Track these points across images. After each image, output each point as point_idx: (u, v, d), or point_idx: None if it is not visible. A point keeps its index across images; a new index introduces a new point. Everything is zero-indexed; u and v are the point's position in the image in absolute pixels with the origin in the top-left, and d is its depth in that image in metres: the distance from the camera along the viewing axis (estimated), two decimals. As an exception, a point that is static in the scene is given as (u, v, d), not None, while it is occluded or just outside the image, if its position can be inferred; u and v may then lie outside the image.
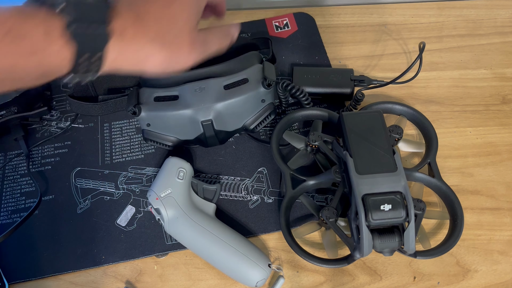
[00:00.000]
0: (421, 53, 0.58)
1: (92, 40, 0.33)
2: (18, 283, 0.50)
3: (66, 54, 0.32)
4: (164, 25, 0.37)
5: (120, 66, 0.36)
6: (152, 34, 0.36)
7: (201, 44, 0.40)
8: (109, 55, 0.34)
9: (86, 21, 0.32)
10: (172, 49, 0.38)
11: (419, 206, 0.48)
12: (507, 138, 0.59)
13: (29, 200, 0.55)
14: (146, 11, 0.36)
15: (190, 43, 0.39)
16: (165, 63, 0.38)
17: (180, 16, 0.38)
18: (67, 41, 0.32)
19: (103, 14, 0.33)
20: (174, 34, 0.37)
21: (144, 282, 0.51)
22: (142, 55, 0.36)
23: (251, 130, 0.54)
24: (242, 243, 0.49)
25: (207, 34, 0.42)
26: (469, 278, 0.50)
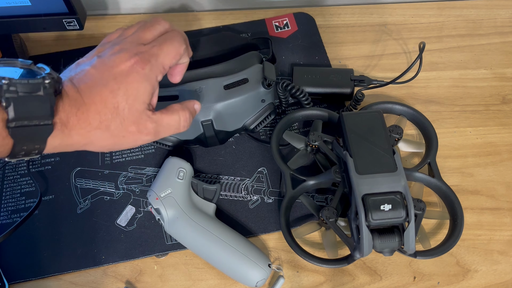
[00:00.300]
0: (421, 53, 0.58)
1: (31, 135, 0.33)
2: (18, 283, 0.51)
3: (3, 147, 0.33)
4: (107, 115, 0.36)
5: (62, 150, 0.36)
6: (95, 124, 0.36)
7: (150, 132, 0.39)
8: (50, 143, 0.34)
9: (28, 118, 0.32)
10: (117, 137, 0.38)
11: (419, 206, 0.48)
12: (507, 138, 0.59)
13: (29, 200, 0.55)
14: (91, 98, 0.36)
15: (137, 131, 0.38)
16: (111, 146, 0.38)
17: (125, 105, 0.37)
18: (5, 137, 0.32)
19: (47, 109, 0.33)
20: (118, 123, 0.37)
21: (144, 282, 0.51)
22: (85, 141, 0.37)
23: (251, 130, 0.54)
24: (242, 243, 0.49)
25: (162, 117, 0.40)
26: (469, 278, 0.50)
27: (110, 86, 0.36)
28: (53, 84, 0.34)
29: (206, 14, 0.71)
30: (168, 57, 0.40)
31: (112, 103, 0.36)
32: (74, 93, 0.35)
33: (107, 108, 0.36)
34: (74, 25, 0.57)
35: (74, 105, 0.35)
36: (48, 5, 0.55)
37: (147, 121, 0.39)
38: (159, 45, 0.40)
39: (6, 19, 0.56)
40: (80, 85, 0.36)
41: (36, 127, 0.33)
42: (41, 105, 0.33)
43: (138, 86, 0.38)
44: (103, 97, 0.36)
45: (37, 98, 0.33)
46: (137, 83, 0.38)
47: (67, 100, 0.35)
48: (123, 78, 0.37)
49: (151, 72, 0.39)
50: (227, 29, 0.68)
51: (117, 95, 0.36)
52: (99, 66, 0.38)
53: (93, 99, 0.36)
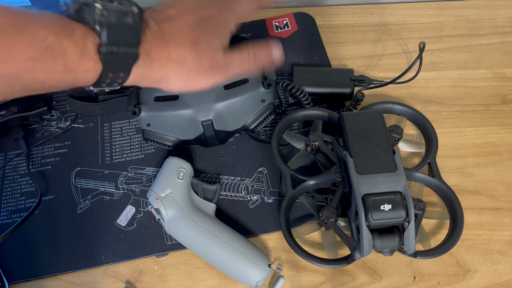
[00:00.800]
0: (421, 53, 0.58)
1: (119, 62, 0.34)
2: (18, 283, 0.50)
3: (94, 72, 0.34)
4: (186, 47, 0.38)
5: (141, 82, 0.38)
6: (174, 55, 0.37)
7: (222, 68, 0.41)
8: (133, 73, 0.36)
9: (117, 43, 0.34)
10: (190, 71, 0.39)
11: (419, 206, 0.48)
12: (507, 138, 0.59)
13: (29, 200, 0.55)
14: (172, 32, 0.37)
15: (209, 67, 0.40)
16: (183, 83, 0.39)
17: (203, 40, 0.39)
18: (96, 61, 0.33)
19: (135, 37, 0.35)
20: (194, 57, 0.38)
21: (144, 282, 0.51)
22: (162, 74, 0.38)
23: (251, 130, 0.54)
24: (242, 243, 0.49)
25: (233, 56, 0.41)
26: (469, 278, 0.50)
27: (190, 23, 0.38)
28: (139, 14, 0.35)
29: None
30: (244, 11, 0.43)
31: (191, 37, 0.38)
32: (156, 27, 0.37)
33: (186, 42, 0.38)
34: (74, 25, 0.57)
35: (156, 36, 0.36)
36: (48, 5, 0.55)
37: (220, 58, 0.40)
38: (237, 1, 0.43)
39: (6, 19, 0.56)
40: (162, 20, 0.38)
41: (124, 54, 0.34)
42: (130, 33, 0.34)
43: (216, 27, 0.40)
44: (183, 31, 0.38)
45: (126, 25, 0.34)
46: (215, 24, 0.40)
47: (149, 32, 0.36)
48: (204, 20, 0.39)
49: (228, 20, 0.41)
50: (227, 29, 0.68)
51: (197, 31, 0.38)
52: (180, 8, 0.40)
53: (174, 32, 0.37)
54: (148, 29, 0.36)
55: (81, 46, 0.32)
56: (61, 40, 0.31)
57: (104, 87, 0.36)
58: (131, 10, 0.34)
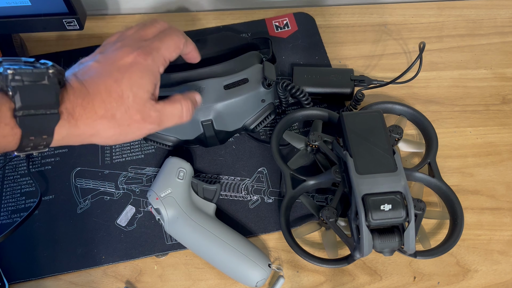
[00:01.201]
0: (421, 53, 0.58)
1: (39, 125, 0.34)
2: (18, 283, 0.51)
3: (13, 137, 0.33)
4: (113, 103, 0.37)
5: (71, 141, 0.37)
6: (101, 113, 0.36)
7: (154, 121, 0.40)
8: (57, 134, 0.35)
9: (35, 106, 0.33)
10: (122, 126, 0.38)
11: (419, 206, 0.48)
12: (507, 138, 0.59)
13: (29, 200, 0.55)
14: (96, 89, 0.36)
15: (141, 119, 0.39)
16: (115, 137, 0.39)
17: (129, 93, 0.38)
18: (13, 126, 0.33)
19: (52, 97, 0.34)
20: (123, 112, 0.37)
21: (144, 282, 0.51)
22: (91, 131, 0.37)
23: (251, 130, 0.54)
24: (242, 243, 0.49)
25: (165, 106, 0.41)
26: (469, 278, 0.50)
27: (114, 76, 0.37)
28: (56, 74, 0.34)
29: (206, 14, 0.71)
30: (169, 50, 0.42)
31: (116, 92, 0.37)
32: (79, 85, 0.36)
33: (112, 97, 0.37)
34: (74, 25, 0.57)
35: (79, 95, 0.36)
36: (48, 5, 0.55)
37: (151, 109, 0.39)
38: (159, 40, 0.41)
39: (6, 19, 0.56)
40: (85, 77, 0.37)
41: (43, 115, 0.33)
42: (46, 94, 0.34)
43: (142, 76, 0.39)
44: (108, 86, 0.37)
45: (42, 86, 0.33)
46: (141, 72, 0.39)
47: (72, 91, 0.36)
48: (127, 68, 0.38)
49: (153, 63, 0.40)
50: (227, 29, 0.68)
51: (122, 83, 0.37)
52: (102, 60, 0.39)
53: (98, 88, 0.37)
54: (71, 88, 0.36)
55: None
56: None
57: (30, 151, 0.35)
58: (47, 72, 0.34)
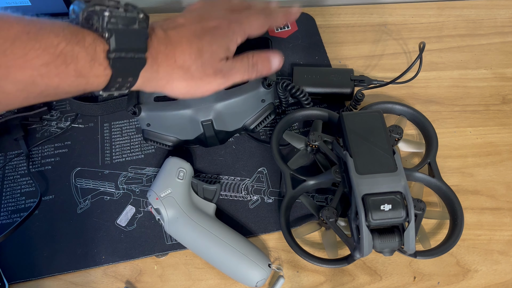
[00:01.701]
0: (421, 53, 0.58)
1: (127, 67, 0.36)
2: (18, 283, 0.50)
3: (104, 78, 0.35)
4: (191, 56, 0.39)
5: (147, 87, 0.40)
6: (180, 62, 0.39)
7: (224, 75, 0.42)
8: (141, 77, 0.37)
9: (125, 49, 0.35)
10: (194, 78, 0.40)
11: (419, 206, 0.48)
12: (507, 138, 0.59)
13: (29, 200, 0.55)
14: (178, 39, 0.39)
15: (213, 74, 0.41)
16: (186, 89, 0.41)
17: (208, 49, 0.40)
18: (106, 67, 0.35)
19: (142, 42, 0.36)
20: (198, 65, 0.40)
21: (144, 282, 0.51)
22: (167, 79, 0.40)
23: (251, 130, 0.54)
24: (242, 243, 0.49)
25: (235, 64, 0.43)
26: (469, 278, 0.50)
27: (197, 32, 0.40)
28: (145, 20, 0.36)
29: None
30: (251, 28, 0.44)
31: (196, 45, 0.39)
32: (163, 34, 0.39)
33: (192, 49, 0.39)
34: (74, 25, 0.57)
35: (162, 42, 0.38)
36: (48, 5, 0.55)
37: (223, 66, 0.42)
38: (246, 16, 0.44)
39: (6, 19, 0.56)
40: (169, 28, 0.40)
41: (132, 59, 0.35)
42: (137, 38, 0.35)
43: (222, 38, 0.41)
44: (189, 39, 0.39)
45: (134, 31, 0.35)
46: (221, 35, 0.41)
47: (156, 39, 0.38)
48: (210, 29, 0.41)
49: (233, 32, 0.42)
50: (227, 29, 0.68)
51: (203, 40, 0.40)
52: (188, 17, 0.42)
53: (180, 40, 0.39)
54: (155, 35, 0.38)
55: (91, 52, 0.33)
56: (72, 47, 0.32)
57: (113, 91, 0.37)
58: (137, 16, 0.35)
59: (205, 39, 0.40)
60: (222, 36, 0.41)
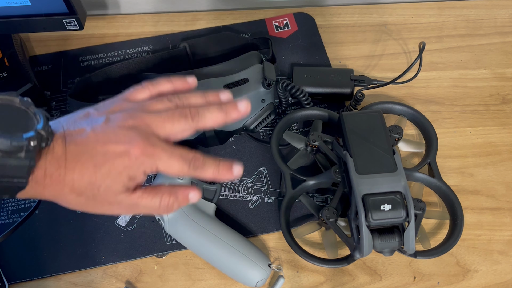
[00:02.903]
0: (421, 53, 0.58)
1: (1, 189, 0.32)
2: (18, 283, 0.50)
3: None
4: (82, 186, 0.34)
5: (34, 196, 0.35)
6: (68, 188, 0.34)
7: (124, 208, 0.37)
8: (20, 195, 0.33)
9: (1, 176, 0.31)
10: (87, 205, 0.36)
11: (419, 206, 0.48)
12: (507, 138, 0.59)
13: (29, 200, 0.55)
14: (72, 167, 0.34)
15: (108, 206, 0.37)
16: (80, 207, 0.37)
17: (102, 184, 0.35)
18: None
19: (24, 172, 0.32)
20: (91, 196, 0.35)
21: (144, 282, 0.51)
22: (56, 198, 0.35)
23: (251, 130, 0.54)
24: (242, 243, 0.49)
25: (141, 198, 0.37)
26: (469, 278, 0.50)
27: (96, 160, 0.34)
28: (37, 146, 0.32)
29: (206, 14, 0.71)
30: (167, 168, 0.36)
31: (89, 177, 0.34)
32: (61, 150, 0.34)
33: (83, 180, 0.34)
34: (74, 25, 0.57)
35: (54, 165, 0.33)
36: (48, 5, 0.55)
37: (122, 201, 0.36)
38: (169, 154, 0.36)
39: (6, 19, 0.56)
40: (71, 146, 0.34)
41: (8, 182, 0.31)
42: (18, 167, 0.31)
43: (123, 172, 0.35)
44: (84, 169, 0.34)
45: (17, 159, 0.31)
46: (124, 168, 0.35)
47: (50, 158, 0.33)
48: (113, 158, 0.35)
49: (142, 165, 0.35)
50: (227, 29, 0.68)
51: (97, 172, 0.34)
52: (99, 132, 0.35)
53: (74, 167, 0.34)
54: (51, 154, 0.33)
55: None
56: None
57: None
58: (28, 144, 0.31)
59: (101, 171, 0.34)
60: (125, 168, 0.35)
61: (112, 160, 0.35)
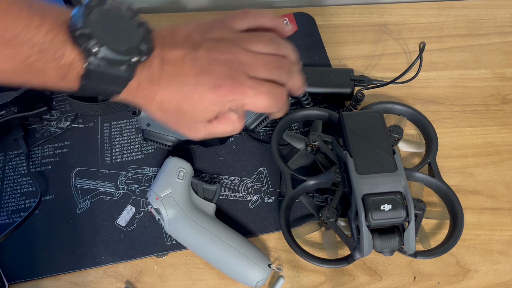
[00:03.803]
0: (421, 53, 0.58)
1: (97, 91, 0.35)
2: (18, 283, 0.50)
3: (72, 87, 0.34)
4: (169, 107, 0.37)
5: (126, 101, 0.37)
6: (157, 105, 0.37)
7: (202, 134, 0.39)
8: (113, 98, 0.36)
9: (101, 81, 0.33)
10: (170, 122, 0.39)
11: (419, 206, 0.48)
12: (507, 138, 0.59)
13: (29, 200, 0.55)
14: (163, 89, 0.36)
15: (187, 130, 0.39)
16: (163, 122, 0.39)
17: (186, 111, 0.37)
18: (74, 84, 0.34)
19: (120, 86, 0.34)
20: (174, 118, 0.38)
21: (144, 282, 0.51)
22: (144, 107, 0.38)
23: (251, 130, 0.54)
24: (242, 243, 0.49)
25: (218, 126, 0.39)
26: (469, 278, 0.50)
27: (186, 90, 0.36)
28: (138, 61, 0.34)
29: (206, 14, 0.71)
30: (253, 105, 0.37)
31: (177, 103, 0.36)
32: (155, 72, 0.35)
33: (172, 103, 0.36)
34: (74, 25, 0.57)
35: (149, 81, 0.35)
36: (48, 5, 0.55)
37: (201, 128, 0.39)
38: (256, 92, 0.37)
39: (6, 19, 0.56)
40: (167, 67, 0.35)
41: (105, 89, 0.34)
42: (118, 77, 0.33)
43: (209, 106, 0.36)
44: (174, 93, 0.36)
45: (118, 70, 0.33)
46: (210, 103, 0.36)
47: (146, 74, 0.35)
48: (202, 91, 0.36)
49: (229, 103, 0.37)
50: (227, 29, 0.68)
51: (186, 100, 0.36)
52: (195, 60, 0.36)
53: (166, 88, 0.36)
54: (148, 70, 0.35)
55: (63, 73, 0.32)
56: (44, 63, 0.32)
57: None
58: (128, 60, 0.33)
59: (189, 101, 0.36)
60: (211, 103, 0.36)
61: (201, 93, 0.36)
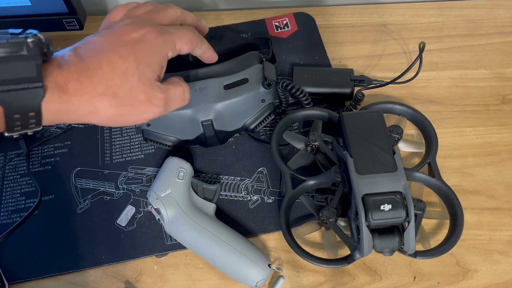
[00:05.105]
0: (421, 53, 0.58)
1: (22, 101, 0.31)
2: (18, 283, 0.51)
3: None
4: (115, 80, 0.34)
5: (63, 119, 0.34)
6: (101, 89, 0.34)
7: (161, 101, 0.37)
8: (47, 110, 0.33)
9: (14, 81, 0.30)
10: (125, 105, 0.35)
11: (419, 206, 0.48)
12: (507, 138, 0.59)
13: (29, 200, 0.55)
14: (97, 64, 0.34)
15: (146, 100, 0.36)
16: (116, 118, 0.36)
17: (135, 71, 0.35)
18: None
19: (34, 70, 0.31)
20: (127, 89, 0.35)
21: (144, 282, 0.51)
22: (88, 109, 0.34)
23: (251, 130, 0.54)
24: (242, 243, 0.49)
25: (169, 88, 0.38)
26: (469, 278, 0.50)
27: (120, 52, 0.34)
28: (38, 44, 0.31)
29: (206, 14, 0.71)
30: (182, 39, 0.39)
31: (121, 68, 0.34)
32: (76, 59, 0.33)
33: (115, 73, 0.34)
34: (74, 25, 0.57)
35: (75, 70, 0.33)
36: (48, 5, 0.55)
37: (157, 91, 0.37)
38: (174, 28, 0.39)
39: (6, 19, 0.57)
40: (85, 51, 0.34)
41: (25, 90, 0.31)
42: (26, 66, 0.31)
43: (150, 54, 0.36)
44: (111, 61, 0.34)
45: (21, 57, 0.30)
46: (149, 50, 0.36)
47: (66, 65, 0.33)
48: (134, 44, 0.35)
49: (163, 44, 0.37)
50: (227, 29, 0.68)
51: (127, 60, 0.34)
52: (107, 34, 0.36)
53: (100, 64, 0.34)
54: (65, 61, 0.33)
55: None
56: None
57: (20, 131, 0.33)
58: (25, 41, 0.31)
59: (129, 59, 0.34)
60: (150, 50, 0.36)
61: (136, 46, 0.35)
